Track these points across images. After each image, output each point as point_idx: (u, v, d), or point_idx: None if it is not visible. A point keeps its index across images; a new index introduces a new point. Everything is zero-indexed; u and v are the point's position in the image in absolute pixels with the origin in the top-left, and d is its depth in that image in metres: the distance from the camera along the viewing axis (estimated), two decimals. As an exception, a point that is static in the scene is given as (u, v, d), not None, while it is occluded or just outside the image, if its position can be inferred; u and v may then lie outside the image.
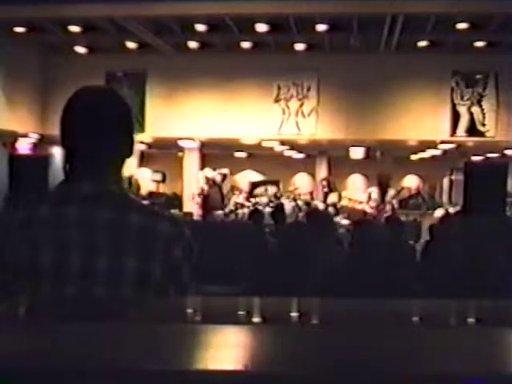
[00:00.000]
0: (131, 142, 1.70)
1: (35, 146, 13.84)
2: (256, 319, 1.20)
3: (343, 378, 0.85)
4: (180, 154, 15.86)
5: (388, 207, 14.62)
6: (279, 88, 13.91)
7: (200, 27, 11.83)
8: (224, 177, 14.92)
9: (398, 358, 0.93)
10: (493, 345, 1.01)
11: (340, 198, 15.88)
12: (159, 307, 1.40)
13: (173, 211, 10.69)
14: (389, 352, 0.95)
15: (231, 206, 14.32)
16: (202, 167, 15.25)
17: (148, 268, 1.59)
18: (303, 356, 0.92)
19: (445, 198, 16.29)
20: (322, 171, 18.37)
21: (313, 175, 18.93)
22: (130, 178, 11.79)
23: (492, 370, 0.88)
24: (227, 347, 0.97)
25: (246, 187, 17.49)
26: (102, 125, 1.63)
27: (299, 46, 13.08)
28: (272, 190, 17.00)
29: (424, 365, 0.88)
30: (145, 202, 2.13)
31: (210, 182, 14.11)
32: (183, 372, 0.85)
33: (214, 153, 16.51)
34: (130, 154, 1.71)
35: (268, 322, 1.15)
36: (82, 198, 1.60)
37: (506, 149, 14.20)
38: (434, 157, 15.89)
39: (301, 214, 13.11)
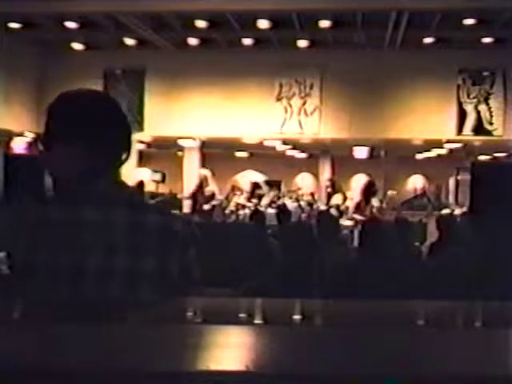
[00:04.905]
0: (129, 143, 1.71)
1: (31, 145, 13.67)
2: (257, 321, 1.18)
3: (345, 381, 0.85)
4: (180, 153, 15.75)
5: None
6: (281, 86, 13.73)
7: (200, 23, 11.76)
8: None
9: (400, 361, 0.91)
10: (497, 347, 1.00)
11: (345, 199, 15.62)
12: (160, 308, 1.39)
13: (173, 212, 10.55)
14: (390, 355, 0.94)
15: (232, 207, 14.10)
16: (203, 167, 15.06)
17: (166, 267, 1.62)
18: (305, 358, 0.91)
19: (451, 199, 16.22)
20: (325, 171, 18.24)
21: (316, 175, 18.78)
22: (139, 184, 11.55)
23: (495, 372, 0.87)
24: (228, 348, 0.97)
25: (247, 187, 17.37)
26: (97, 128, 1.64)
27: (302, 43, 13.00)
28: (274, 190, 16.86)
29: (425, 368, 0.88)
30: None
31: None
32: (184, 373, 0.86)
33: (215, 152, 16.36)
34: (127, 156, 1.71)
35: (269, 325, 1.15)
36: (96, 198, 1.61)
37: (514, 148, 14.01)
38: (439, 156, 15.85)
39: (303, 215, 12.97)
